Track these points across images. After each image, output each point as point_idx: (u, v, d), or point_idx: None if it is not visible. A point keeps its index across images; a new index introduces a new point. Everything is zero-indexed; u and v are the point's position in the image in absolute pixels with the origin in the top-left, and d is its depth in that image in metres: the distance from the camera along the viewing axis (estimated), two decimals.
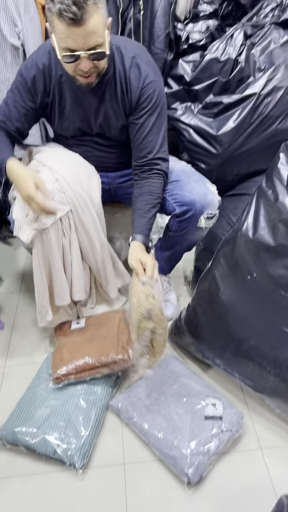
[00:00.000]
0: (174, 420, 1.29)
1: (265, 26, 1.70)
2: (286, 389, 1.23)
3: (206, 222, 1.44)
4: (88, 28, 1.11)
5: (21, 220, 1.32)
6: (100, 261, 1.56)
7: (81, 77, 1.26)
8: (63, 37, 1.14)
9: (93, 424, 1.31)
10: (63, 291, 1.51)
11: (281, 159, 1.19)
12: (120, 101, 1.39)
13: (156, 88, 1.37)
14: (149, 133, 1.39)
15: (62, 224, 1.40)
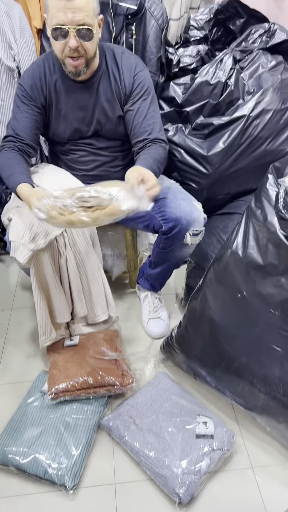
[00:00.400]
0: (166, 439, 1.29)
1: (253, 51, 1.76)
2: (276, 407, 1.23)
3: (192, 239, 1.46)
4: (76, 3, 1.23)
5: (17, 241, 1.33)
6: (91, 282, 1.57)
7: (70, 59, 1.34)
8: (54, 12, 1.25)
9: (84, 443, 1.31)
10: (63, 309, 1.53)
11: (269, 179, 1.22)
12: (115, 91, 1.48)
13: (146, 76, 1.50)
14: (146, 117, 1.47)
15: (57, 244, 1.41)
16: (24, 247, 1.33)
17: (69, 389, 1.39)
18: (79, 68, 1.37)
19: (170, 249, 1.53)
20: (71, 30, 1.27)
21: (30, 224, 1.33)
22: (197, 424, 1.32)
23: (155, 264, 1.67)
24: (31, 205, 1.24)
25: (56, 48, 1.34)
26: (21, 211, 1.38)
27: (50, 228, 1.35)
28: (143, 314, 1.81)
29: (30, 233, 1.33)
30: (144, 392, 1.46)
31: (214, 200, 1.89)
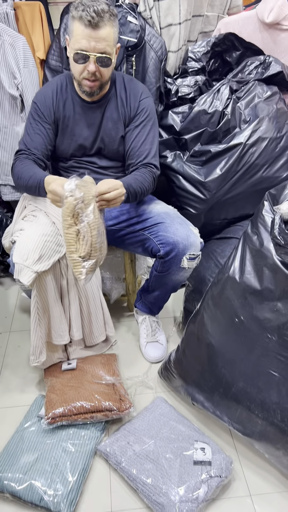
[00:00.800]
0: (163, 465, 1.28)
1: (249, 82, 1.82)
2: (274, 433, 1.23)
3: (188, 263, 1.49)
4: (100, 33, 1.35)
5: (21, 263, 1.35)
6: (91, 303, 1.58)
7: (86, 80, 1.44)
8: (79, 38, 1.35)
9: (80, 469, 1.29)
10: (63, 330, 1.54)
11: (265, 206, 1.25)
12: (121, 113, 1.57)
13: (150, 103, 1.60)
14: (145, 141, 1.56)
15: (60, 265, 1.44)
16: (28, 269, 1.35)
17: (66, 414, 1.39)
18: (93, 89, 1.47)
19: (167, 273, 1.55)
20: (92, 56, 1.38)
21: (35, 246, 1.36)
22: (194, 450, 1.31)
23: (152, 288, 1.69)
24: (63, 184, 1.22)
25: (75, 70, 1.44)
26: (25, 234, 1.40)
27: (54, 250, 1.38)
28: (141, 337, 1.82)
29: (34, 255, 1.35)
30: (141, 417, 1.45)
31: (211, 225, 1.92)
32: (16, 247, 1.38)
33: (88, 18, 1.31)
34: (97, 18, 1.31)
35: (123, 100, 1.58)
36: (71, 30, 1.39)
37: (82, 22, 1.33)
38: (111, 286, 1.98)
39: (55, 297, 1.47)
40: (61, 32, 1.82)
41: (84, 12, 1.31)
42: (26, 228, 1.42)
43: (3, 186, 2.16)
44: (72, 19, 1.37)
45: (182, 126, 1.81)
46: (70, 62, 1.45)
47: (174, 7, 1.83)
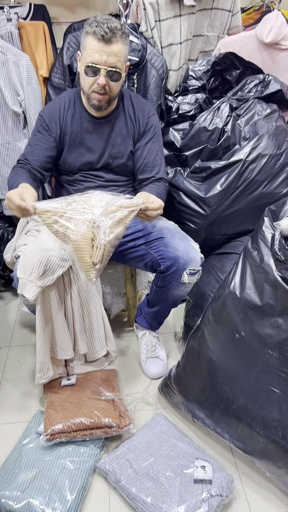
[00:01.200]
0: (163, 484, 1.26)
1: (249, 100, 1.84)
2: (275, 451, 1.21)
3: (189, 278, 1.49)
4: (112, 48, 1.40)
5: (25, 278, 1.35)
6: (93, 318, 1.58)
7: (96, 94, 1.47)
8: (91, 52, 1.41)
9: (79, 487, 1.27)
10: (66, 345, 1.54)
11: (265, 222, 1.26)
12: (130, 128, 1.62)
13: (156, 120, 1.68)
14: (156, 157, 1.64)
15: (63, 280, 1.44)
16: (32, 284, 1.35)
17: (66, 430, 1.37)
18: (101, 103, 1.50)
19: (168, 288, 1.55)
20: (103, 70, 1.42)
21: (39, 261, 1.36)
22: (195, 468, 1.29)
23: (153, 303, 1.69)
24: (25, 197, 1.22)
25: (85, 83, 1.48)
26: (29, 249, 1.40)
27: (58, 265, 1.39)
28: (141, 353, 1.81)
29: (39, 270, 1.35)
30: (141, 434, 1.43)
31: (212, 240, 1.93)
32: (20, 262, 1.38)
33: (102, 33, 1.37)
34: (110, 34, 1.37)
35: (131, 116, 1.62)
36: (83, 45, 1.44)
37: (96, 37, 1.38)
38: (111, 301, 1.97)
39: (59, 311, 1.47)
40: (64, 51, 1.86)
41: (98, 28, 1.37)
42: (30, 243, 1.43)
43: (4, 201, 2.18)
44: (85, 34, 1.42)
45: (183, 143, 1.84)
46: (81, 75, 1.49)
47: (175, 27, 1.87)
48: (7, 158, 2.06)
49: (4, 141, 2.01)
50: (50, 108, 1.61)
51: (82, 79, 1.49)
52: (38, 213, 1.21)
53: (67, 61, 1.85)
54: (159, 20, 1.85)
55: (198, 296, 1.78)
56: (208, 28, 1.98)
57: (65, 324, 1.50)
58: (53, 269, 1.38)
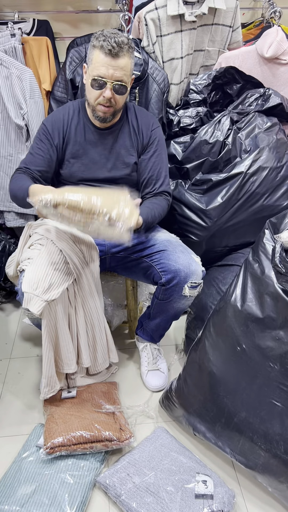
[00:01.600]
0: (164, 499, 1.24)
1: (250, 113, 1.86)
2: (277, 466, 1.20)
3: (190, 291, 1.49)
4: (119, 63, 1.42)
5: (30, 293, 1.34)
6: (96, 331, 1.57)
7: (101, 106, 1.49)
8: (98, 66, 1.43)
9: (79, 502, 1.26)
10: (70, 359, 1.53)
11: (266, 234, 1.26)
12: (133, 140, 1.63)
13: (160, 133, 1.69)
14: (160, 169, 1.65)
15: (68, 293, 1.44)
16: (38, 299, 1.34)
17: (66, 444, 1.36)
18: (106, 115, 1.52)
19: (169, 301, 1.55)
20: (109, 83, 1.44)
21: (44, 275, 1.36)
22: (196, 483, 1.28)
23: (154, 315, 1.68)
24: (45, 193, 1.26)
25: (91, 95, 1.50)
26: (34, 263, 1.40)
27: (63, 278, 1.39)
28: (142, 365, 1.80)
29: (44, 284, 1.35)
30: (142, 448, 1.42)
31: (213, 252, 1.93)
32: (25, 276, 1.38)
33: (109, 47, 1.39)
34: (117, 48, 1.40)
35: (135, 128, 1.64)
36: (90, 58, 1.46)
37: (103, 51, 1.40)
38: (112, 313, 1.97)
39: (64, 325, 1.46)
40: (67, 65, 1.89)
41: (105, 42, 1.40)
42: (35, 257, 1.43)
43: (7, 213, 2.19)
44: (92, 48, 1.44)
45: (184, 156, 1.85)
46: (86, 88, 1.51)
47: (176, 42, 1.90)
48: (10, 170, 2.07)
49: (7, 154, 2.03)
50: (54, 117, 1.62)
51: (88, 92, 1.51)
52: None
53: (69, 75, 1.88)
54: (161, 35, 1.88)
55: (199, 308, 1.78)
56: (209, 43, 2.01)
57: (69, 338, 1.50)
58: (58, 283, 1.37)
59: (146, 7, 1.85)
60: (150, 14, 1.83)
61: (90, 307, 1.52)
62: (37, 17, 2.06)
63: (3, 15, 2.07)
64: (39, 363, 1.86)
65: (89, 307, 1.52)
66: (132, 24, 1.97)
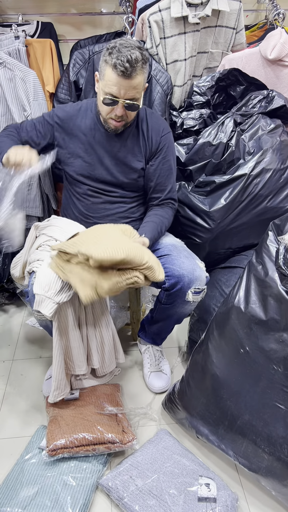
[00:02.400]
0: (166, 501, 1.24)
1: (253, 115, 1.86)
2: (281, 469, 1.19)
3: (193, 297, 1.48)
4: (132, 83, 1.38)
5: (42, 295, 1.34)
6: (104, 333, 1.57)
7: (112, 120, 1.49)
8: (110, 84, 1.39)
9: (81, 504, 1.26)
10: (81, 361, 1.53)
11: (269, 236, 1.26)
12: (142, 146, 1.60)
13: (171, 139, 1.66)
14: (168, 176, 1.64)
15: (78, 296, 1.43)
16: (49, 300, 1.34)
17: (68, 446, 1.36)
18: (118, 128, 1.52)
19: (172, 305, 1.54)
20: (121, 102, 1.42)
21: (56, 277, 1.35)
22: (199, 486, 1.27)
23: (156, 319, 1.68)
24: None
25: (102, 109, 1.49)
26: (45, 265, 1.40)
27: None
28: (145, 367, 1.79)
29: (56, 286, 1.34)
30: (144, 450, 1.42)
31: (216, 254, 1.93)
32: (37, 278, 1.37)
33: (122, 69, 1.34)
34: (130, 69, 1.34)
35: (144, 133, 1.61)
36: (103, 73, 1.41)
37: (116, 71, 1.35)
38: (115, 315, 1.97)
39: (75, 327, 1.46)
40: (71, 67, 1.89)
41: (118, 61, 1.33)
42: (45, 259, 1.42)
43: None
44: (104, 63, 1.38)
45: (187, 158, 1.85)
46: (98, 101, 1.50)
47: (179, 44, 1.90)
48: None
49: None
50: (65, 107, 1.62)
51: (100, 105, 1.49)
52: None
53: (73, 77, 1.88)
54: (164, 37, 1.88)
55: (202, 311, 1.77)
56: (213, 45, 2.01)
57: (80, 340, 1.49)
58: (69, 285, 1.37)
59: (150, 9, 1.85)
60: (153, 16, 1.83)
61: (99, 308, 1.52)
62: (41, 19, 2.07)
63: (7, 17, 2.07)
64: (42, 364, 1.86)
65: (99, 309, 1.52)
66: (136, 26, 1.97)
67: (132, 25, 2.00)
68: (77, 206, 1.69)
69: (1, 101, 1.92)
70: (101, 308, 1.53)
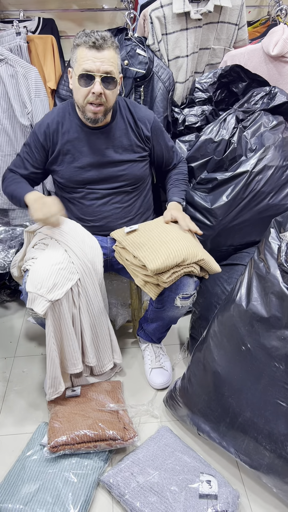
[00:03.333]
0: (168, 498, 1.24)
1: (255, 112, 1.85)
2: (282, 466, 1.19)
3: (182, 302, 1.48)
4: (104, 55, 1.38)
5: (34, 293, 1.34)
6: (98, 332, 1.57)
7: (91, 105, 1.44)
8: (83, 61, 1.38)
9: (82, 501, 1.26)
10: (76, 359, 1.52)
11: (271, 233, 1.25)
12: (132, 137, 1.60)
13: (159, 125, 1.67)
14: (172, 149, 1.75)
15: (72, 293, 1.43)
16: (42, 298, 1.34)
17: (69, 442, 1.36)
18: (98, 116, 1.47)
19: (163, 309, 1.55)
20: (97, 77, 1.39)
21: (48, 275, 1.35)
22: (200, 483, 1.27)
23: (151, 320, 1.68)
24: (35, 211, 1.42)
25: (79, 95, 1.44)
26: (38, 263, 1.40)
27: (67, 278, 1.39)
28: (145, 364, 1.79)
29: (48, 284, 1.34)
30: (146, 447, 1.42)
31: (218, 252, 1.92)
32: (29, 275, 1.37)
33: (92, 40, 1.36)
34: (100, 41, 1.36)
35: (131, 124, 1.60)
36: (74, 58, 1.42)
37: (86, 45, 1.37)
38: (116, 312, 1.97)
39: (69, 325, 1.45)
40: None
41: (87, 37, 1.37)
42: (39, 257, 1.42)
43: (12, 211, 2.19)
44: (75, 47, 1.41)
45: (189, 154, 1.84)
46: (74, 89, 1.46)
47: (181, 40, 1.89)
48: None
49: (13, 152, 2.04)
50: (45, 124, 1.57)
51: (76, 92, 1.46)
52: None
53: None
54: (166, 33, 1.87)
55: (204, 308, 1.77)
56: (215, 41, 2.00)
57: (74, 338, 1.49)
58: (62, 283, 1.37)
59: (152, 5, 1.84)
60: (155, 12, 1.83)
61: (94, 307, 1.51)
62: (42, 15, 2.06)
63: (9, 13, 2.07)
64: (43, 361, 1.86)
65: (93, 307, 1.51)
66: (138, 22, 1.96)
67: (134, 21, 1.99)
68: (72, 211, 1.67)
69: (3, 97, 1.92)
70: (95, 306, 1.52)
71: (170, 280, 1.40)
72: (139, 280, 1.50)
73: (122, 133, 1.58)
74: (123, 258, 1.55)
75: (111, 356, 1.65)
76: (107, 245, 1.64)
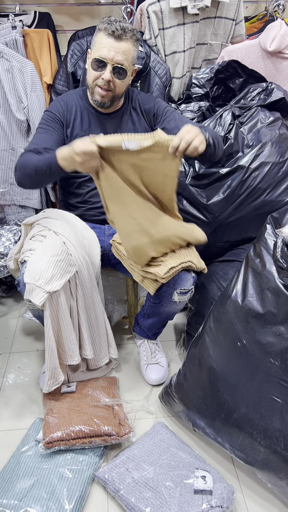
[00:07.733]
0: (162, 494, 1.24)
1: (252, 108, 1.84)
2: (277, 462, 1.19)
3: (179, 297, 1.47)
4: (121, 46, 1.42)
5: (32, 284, 1.33)
6: (95, 325, 1.57)
7: (99, 88, 1.48)
8: (100, 47, 1.43)
9: (77, 496, 1.26)
10: (73, 350, 1.52)
11: (267, 229, 1.25)
12: (140, 123, 1.63)
13: (163, 102, 1.66)
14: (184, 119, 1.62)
15: (70, 285, 1.43)
16: (40, 290, 1.34)
17: (64, 438, 1.36)
18: (104, 99, 1.51)
19: (160, 305, 1.54)
20: (109, 65, 1.43)
21: (46, 266, 1.35)
22: (195, 479, 1.27)
23: (147, 316, 1.68)
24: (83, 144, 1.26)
25: (90, 76, 1.49)
26: (35, 254, 1.39)
27: (65, 270, 1.38)
28: (141, 360, 1.79)
29: (46, 275, 1.34)
30: (141, 443, 1.42)
31: (214, 248, 1.92)
32: (27, 267, 1.37)
33: (112, 29, 1.40)
34: (120, 31, 1.40)
35: (137, 110, 1.63)
36: (94, 41, 1.47)
37: (106, 32, 1.41)
38: (112, 308, 1.97)
39: (66, 316, 1.45)
40: (68, 58, 1.87)
41: (109, 25, 1.41)
42: (37, 248, 1.42)
43: (8, 207, 2.18)
44: (97, 31, 1.45)
45: None
46: (87, 70, 1.50)
47: (178, 35, 1.88)
48: (11, 164, 2.06)
49: (9, 147, 2.02)
50: (57, 102, 1.61)
51: (88, 73, 1.50)
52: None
53: (71, 68, 1.86)
54: (163, 28, 1.86)
55: (200, 304, 1.77)
56: (212, 36, 1.99)
57: (72, 329, 1.48)
58: (60, 274, 1.37)
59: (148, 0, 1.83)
60: (152, 6, 1.82)
61: (91, 299, 1.51)
62: (38, 9, 2.04)
63: (4, 7, 2.05)
64: (39, 357, 1.86)
65: (90, 300, 1.51)
66: (134, 17, 1.95)
67: (131, 15, 1.98)
68: (76, 195, 1.67)
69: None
70: (92, 299, 1.52)
71: (168, 275, 1.40)
72: (137, 276, 1.49)
73: (129, 121, 1.61)
74: (120, 253, 1.54)
75: (107, 351, 1.65)
76: (104, 239, 1.63)
